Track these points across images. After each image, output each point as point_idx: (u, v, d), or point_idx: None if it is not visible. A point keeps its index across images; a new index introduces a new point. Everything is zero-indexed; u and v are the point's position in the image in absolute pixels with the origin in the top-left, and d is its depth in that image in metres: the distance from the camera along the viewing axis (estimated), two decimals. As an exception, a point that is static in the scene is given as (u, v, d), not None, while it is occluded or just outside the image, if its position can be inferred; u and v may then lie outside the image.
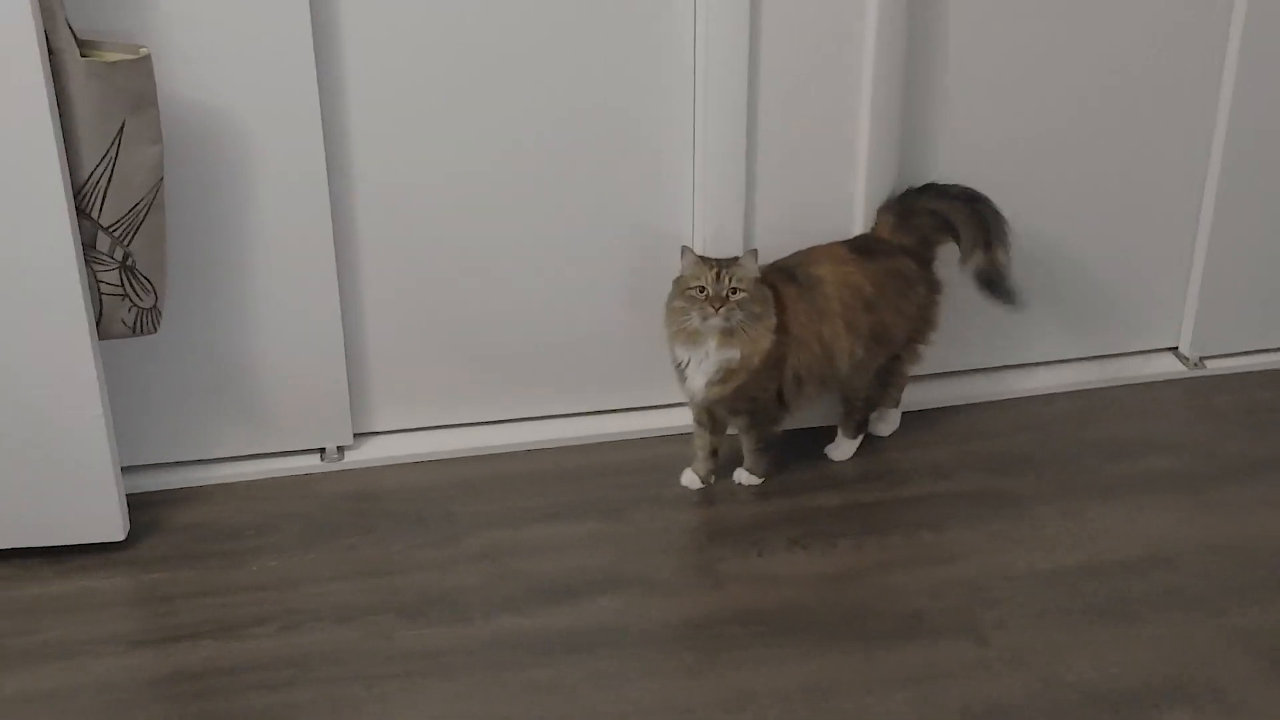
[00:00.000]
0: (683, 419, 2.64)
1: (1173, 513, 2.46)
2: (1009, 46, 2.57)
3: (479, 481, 2.55)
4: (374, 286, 2.51)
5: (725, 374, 2.37)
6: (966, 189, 2.53)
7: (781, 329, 2.38)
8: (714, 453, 2.54)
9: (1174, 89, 2.68)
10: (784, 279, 2.42)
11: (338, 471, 2.58)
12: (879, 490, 2.53)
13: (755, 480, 2.54)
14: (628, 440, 2.67)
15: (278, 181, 2.36)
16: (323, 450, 2.60)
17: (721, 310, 2.30)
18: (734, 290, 2.30)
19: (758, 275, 2.34)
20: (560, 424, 2.69)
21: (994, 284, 2.51)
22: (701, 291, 2.32)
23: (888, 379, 2.57)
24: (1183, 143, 2.73)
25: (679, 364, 2.41)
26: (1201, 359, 2.89)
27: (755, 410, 2.45)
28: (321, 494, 2.52)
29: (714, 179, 2.49)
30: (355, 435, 2.62)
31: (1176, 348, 2.92)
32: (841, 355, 2.44)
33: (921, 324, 2.55)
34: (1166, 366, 2.89)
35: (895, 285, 2.48)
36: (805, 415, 2.57)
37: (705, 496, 2.52)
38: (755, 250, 2.37)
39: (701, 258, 2.37)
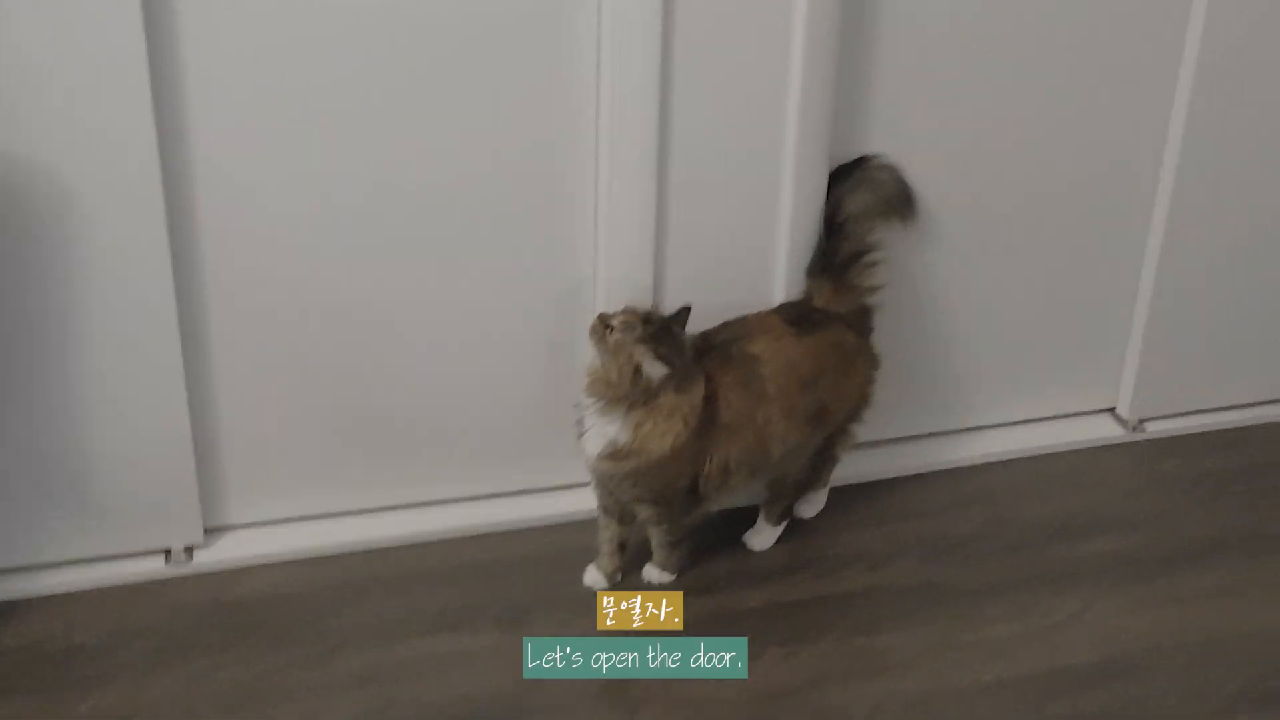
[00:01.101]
0: (583, 502, 2.39)
1: (1127, 606, 2.28)
2: (946, 98, 2.37)
3: (356, 584, 2.27)
4: (227, 356, 2.20)
5: (614, 453, 2.12)
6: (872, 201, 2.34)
7: (710, 418, 2.13)
8: (621, 547, 2.28)
9: (1118, 149, 2.51)
10: (718, 360, 2.16)
11: (186, 576, 2.27)
12: (805, 585, 2.30)
13: (667, 578, 2.29)
14: (528, 529, 2.41)
15: (109, 247, 2.04)
16: (168, 551, 2.30)
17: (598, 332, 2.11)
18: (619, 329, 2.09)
19: (662, 369, 2.07)
20: (450, 511, 2.41)
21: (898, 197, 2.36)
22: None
23: (819, 461, 2.34)
24: (1126, 197, 2.56)
25: (579, 419, 2.16)
26: (1141, 421, 2.71)
27: (661, 502, 2.20)
28: (170, 604, 2.22)
29: (620, 229, 2.24)
30: (206, 531, 2.32)
31: (1114, 408, 2.74)
32: (775, 441, 2.20)
33: (860, 401, 2.33)
34: (1106, 430, 2.71)
35: (835, 361, 2.25)
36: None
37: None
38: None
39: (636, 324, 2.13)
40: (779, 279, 2.33)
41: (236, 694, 2.05)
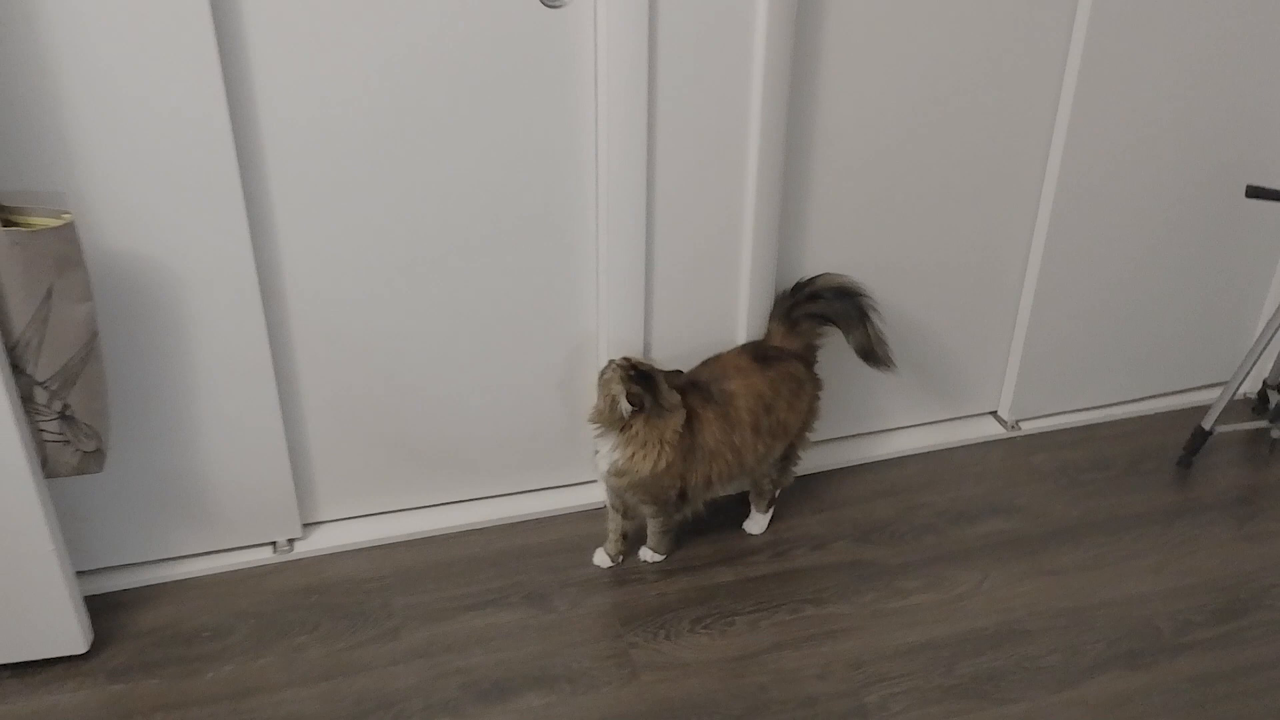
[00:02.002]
0: (592, 495, 2.20)
1: (1015, 578, 2.07)
2: (864, 149, 2.10)
3: (415, 570, 2.06)
4: (312, 391, 1.99)
5: (615, 471, 1.92)
6: (833, 284, 2.10)
7: (696, 445, 1.93)
8: (624, 535, 2.08)
9: (1002, 174, 2.22)
10: (701, 399, 1.95)
11: (288, 563, 2.07)
12: (765, 563, 2.10)
13: (658, 557, 2.09)
14: (547, 518, 2.19)
15: (214, 308, 1.83)
16: (274, 543, 2.09)
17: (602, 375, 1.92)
18: (611, 374, 1.91)
19: (628, 408, 1.87)
20: (487, 505, 2.20)
21: (872, 355, 2.11)
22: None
23: (785, 463, 2.13)
24: (1006, 252, 2.32)
25: (595, 446, 1.96)
26: (1018, 421, 2.51)
27: (656, 503, 1.99)
28: (272, 589, 2.01)
29: (616, 288, 2.02)
30: (304, 525, 2.11)
31: (996, 411, 2.54)
32: (749, 455, 2.00)
33: (810, 416, 2.12)
34: (990, 429, 2.50)
35: (789, 387, 2.04)
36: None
37: (617, 576, 2.06)
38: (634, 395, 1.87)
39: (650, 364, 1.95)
40: (740, 327, 2.12)
41: (324, 666, 1.85)
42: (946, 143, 2.13)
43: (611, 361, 1.93)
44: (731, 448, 1.96)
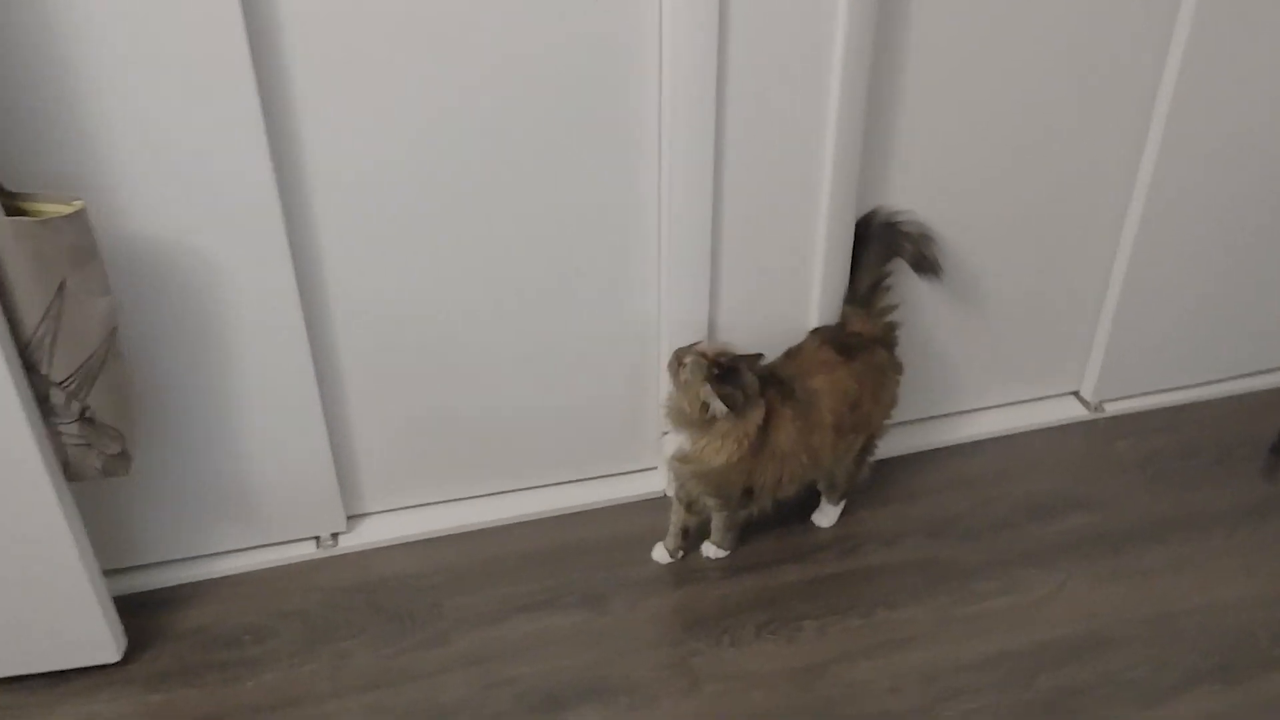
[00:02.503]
0: (651, 484, 2.10)
1: (1098, 580, 1.96)
2: (952, 112, 1.94)
3: (465, 567, 1.98)
4: (354, 378, 1.89)
5: (681, 457, 1.83)
6: (888, 241, 1.97)
7: (769, 443, 1.81)
8: (685, 531, 1.99)
9: (1101, 126, 2.04)
10: (782, 396, 1.83)
11: (332, 558, 2.00)
12: (833, 561, 2.00)
13: (721, 554, 2.00)
14: (603, 509, 2.10)
15: (249, 300, 1.73)
16: (318, 538, 2.02)
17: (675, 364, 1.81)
18: (690, 364, 1.78)
19: (723, 409, 1.75)
20: (540, 496, 2.11)
21: (923, 260, 1.99)
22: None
23: (863, 455, 2.01)
24: (1103, 189, 2.12)
25: (665, 430, 1.87)
26: (1101, 403, 2.37)
27: (721, 496, 1.89)
28: (316, 586, 1.94)
29: (679, 270, 1.89)
30: (349, 518, 2.04)
31: (1078, 391, 2.40)
32: (826, 456, 1.89)
33: (891, 405, 2.01)
34: (1071, 411, 2.36)
35: (874, 378, 1.93)
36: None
37: (677, 575, 1.97)
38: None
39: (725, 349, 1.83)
40: (813, 310, 1.99)
41: (371, 674, 1.78)
42: (1044, 87, 1.95)
43: (682, 354, 1.80)
44: (808, 449, 1.85)
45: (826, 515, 2.07)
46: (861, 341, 1.93)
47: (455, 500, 2.10)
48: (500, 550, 2.02)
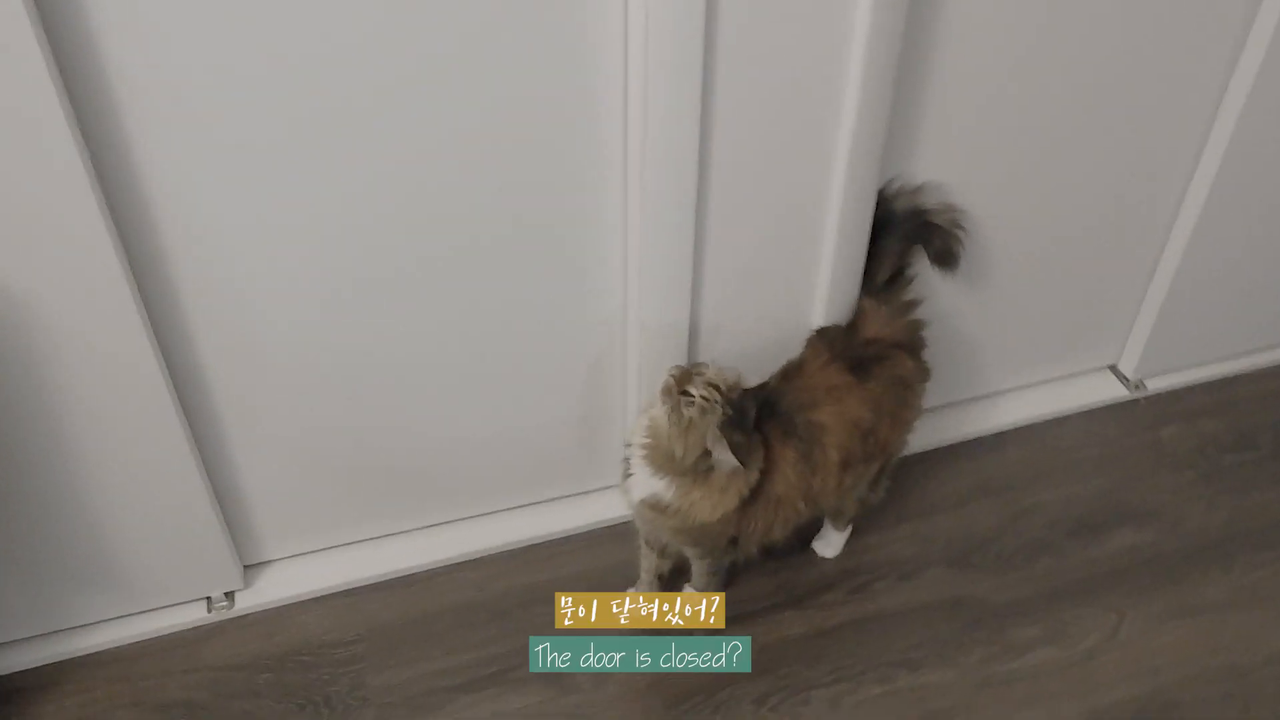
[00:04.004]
0: (615, 509, 1.74)
1: (1155, 620, 1.66)
2: (995, 67, 1.54)
3: (393, 627, 1.63)
4: (234, 415, 1.49)
5: (657, 506, 1.46)
6: (912, 229, 1.60)
7: (762, 490, 1.45)
8: (660, 577, 1.64)
9: (1170, 106, 1.68)
10: (780, 432, 1.46)
11: (228, 622, 1.63)
12: (841, 605, 1.67)
13: None
14: (558, 542, 1.75)
15: (88, 345, 1.32)
16: (208, 599, 1.64)
17: (670, 393, 1.40)
18: (699, 401, 1.38)
19: (734, 462, 1.38)
20: (482, 527, 1.75)
21: (949, 254, 1.63)
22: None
23: (877, 479, 1.65)
24: (1171, 142, 1.74)
25: (626, 459, 1.49)
26: (1142, 380, 2.04)
27: (700, 547, 1.55)
28: (207, 662, 1.58)
29: (652, 248, 1.47)
30: (247, 568, 1.67)
31: (1116, 365, 2.06)
32: (828, 499, 1.54)
33: (915, 419, 1.63)
34: (1108, 390, 2.02)
35: (894, 397, 1.55)
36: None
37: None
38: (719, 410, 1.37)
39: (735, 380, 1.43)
40: (819, 307, 1.61)
41: (279, 791, 1.44)
42: (1109, 45, 1.56)
43: (683, 380, 1.39)
44: (806, 495, 1.49)
45: (831, 544, 1.74)
46: (879, 351, 1.56)
47: (379, 538, 1.73)
48: (437, 603, 1.66)
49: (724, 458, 1.36)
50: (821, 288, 1.58)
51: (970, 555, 1.74)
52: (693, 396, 1.37)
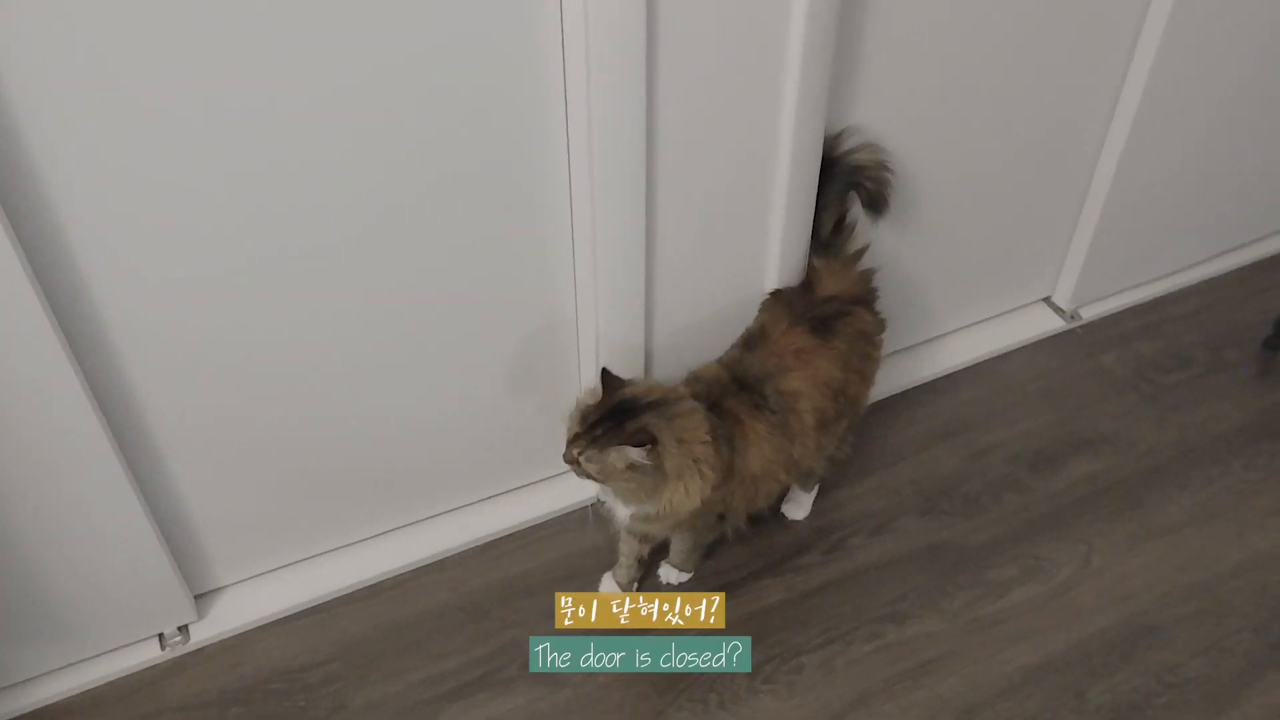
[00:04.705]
0: (585, 489, 1.68)
1: (1124, 545, 1.68)
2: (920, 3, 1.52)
3: (367, 642, 1.54)
4: (168, 434, 1.38)
5: (645, 518, 1.40)
6: (843, 175, 1.55)
7: (739, 467, 1.40)
8: (640, 561, 1.59)
9: (1091, 28, 1.66)
10: (751, 406, 1.40)
11: (185, 658, 1.52)
12: (819, 567, 1.65)
13: (684, 577, 1.62)
14: (530, 530, 1.68)
15: (7, 384, 1.19)
16: (161, 635, 1.53)
17: (572, 466, 1.34)
18: (578, 460, 1.32)
19: (632, 463, 1.30)
20: (447, 525, 1.67)
21: (880, 199, 1.59)
22: (568, 434, 1.34)
23: (845, 436, 1.61)
24: (1095, 66, 1.74)
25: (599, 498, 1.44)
26: (1077, 309, 2.05)
27: (696, 531, 1.51)
28: (171, 703, 1.47)
29: (603, 223, 1.40)
30: (198, 597, 1.56)
31: (1050, 298, 2.07)
32: (808, 461, 1.50)
33: (875, 372, 1.60)
34: (1046, 322, 2.03)
35: (859, 352, 1.52)
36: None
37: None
38: (647, 442, 1.29)
39: (589, 406, 1.34)
40: (773, 263, 1.56)
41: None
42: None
43: (572, 452, 1.33)
44: (787, 464, 1.46)
45: (800, 505, 1.71)
46: (838, 308, 1.52)
47: (338, 549, 1.63)
48: (410, 610, 1.58)
49: (637, 453, 1.29)
50: (774, 245, 1.54)
51: (938, 500, 1.74)
52: (580, 458, 1.32)
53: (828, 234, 1.57)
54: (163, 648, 1.52)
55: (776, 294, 1.56)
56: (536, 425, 1.64)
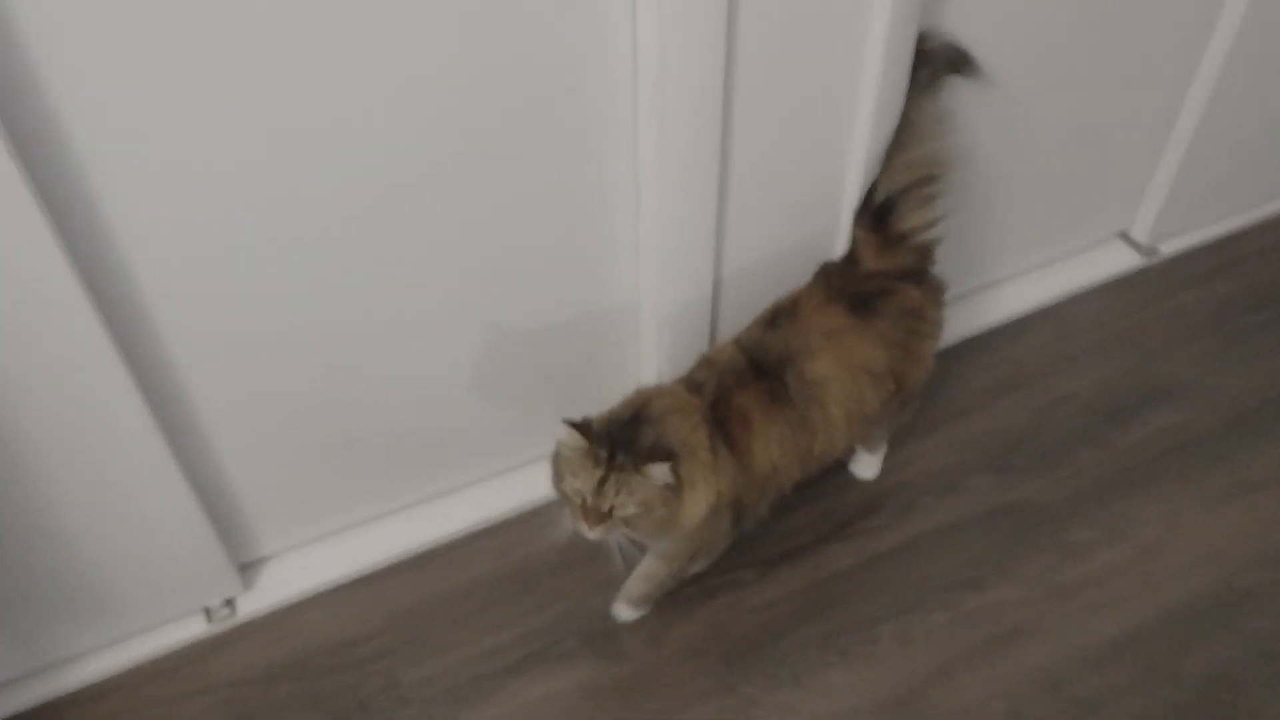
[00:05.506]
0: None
1: (1210, 503, 1.56)
2: None
3: (417, 614, 1.46)
4: (206, 398, 1.27)
5: (650, 538, 1.28)
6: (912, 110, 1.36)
7: (747, 465, 1.26)
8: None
9: None
10: (766, 395, 1.26)
11: (231, 632, 1.44)
12: (891, 528, 1.54)
13: (641, 614, 1.44)
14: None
15: (39, 347, 1.09)
16: (207, 609, 1.45)
17: (601, 527, 1.19)
18: (614, 507, 1.18)
19: (668, 481, 1.17)
20: (497, 488, 1.57)
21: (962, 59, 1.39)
22: (579, 498, 1.20)
23: (904, 407, 1.48)
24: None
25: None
26: (1155, 245, 1.91)
27: (695, 542, 1.34)
28: (216, 680, 1.39)
29: (672, 141, 1.26)
30: (243, 568, 1.47)
31: (1127, 232, 1.93)
32: (837, 449, 1.36)
33: (936, 342, 1.45)
34: (1122, 260, 1.89)
35: (904, 328, 1.35)
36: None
37: (701, 582, 1.48)
38: (669, 460, 1.17)
39: (589, 448, 1.19)
40: (849, 190, 1.42)
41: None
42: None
43: (585, 516, 1.19)
44: (804, 459, 1.32)
45: (868, 465, 1.59)
46: (882, 284, 1.35)
47: (385, 515, 1.54)
48: (459, 579, 1.49)
49: (661, 473, 1.16)
50: (853, 166, 1.38)
51: (1010, 456, 1.63)
52: (600, 507, 1.17)
53: (895, 195, 1.38)
54: (209, 621, 1.43)
55: (824, 269, 1.40)
56: (587, 382, 1.53)
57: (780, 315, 1.33)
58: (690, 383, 1.28)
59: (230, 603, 1.45)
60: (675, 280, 1.40)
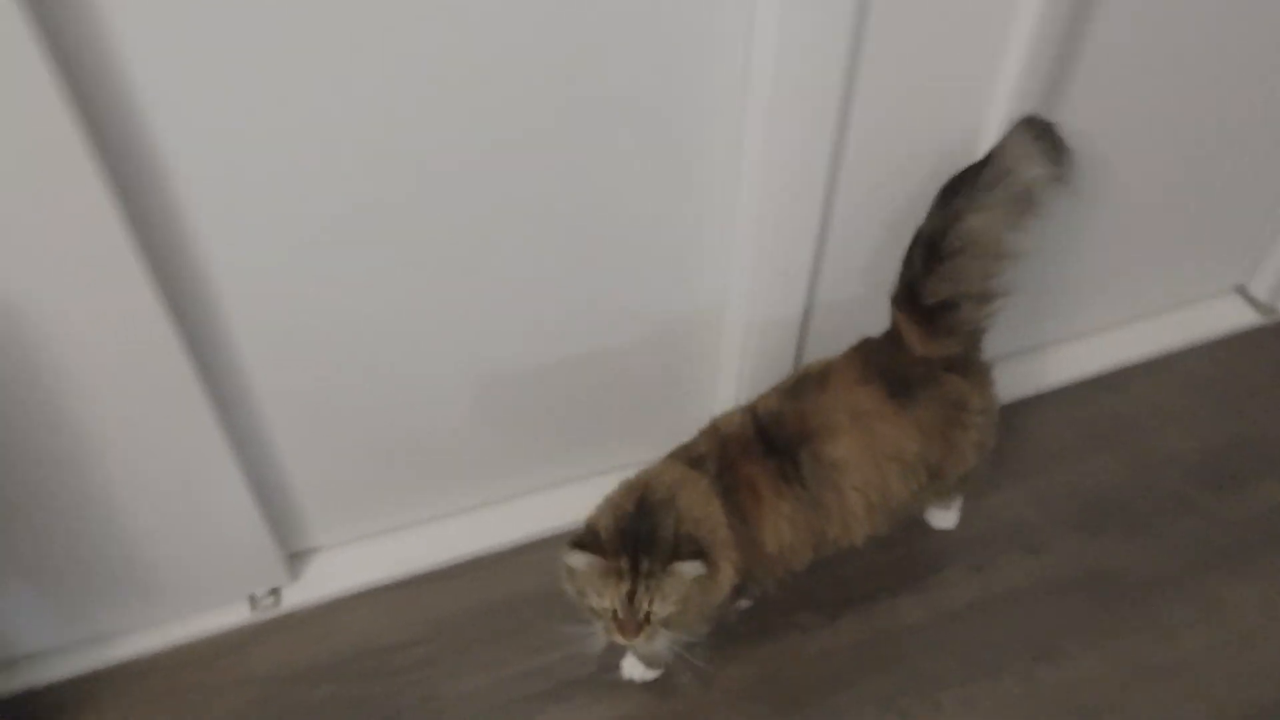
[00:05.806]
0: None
1: (1319, 589, 1.44)
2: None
3: (462, 623, 1.40)
4: (263, 389, 1.22)
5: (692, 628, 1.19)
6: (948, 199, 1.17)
7: (750, 546, 1.17)
8: None
9: None
10: (778, 477, 1.16)
11: (274, 623, 1.40)
12: (963, 585, 1.44)
13: (654, 675, 1.34)
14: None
15: (102, 332, 1.04)
16: (252, 597, 1.41)
17: (642, 635, 1.12)
18: (650, 613, 1.11)
19: (699, 573, 1.10)
20: (557, 499, 1.51)
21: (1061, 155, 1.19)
22: (609, 614, 1.12)
23: (958, 486, 1.37)
24: None
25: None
26: (1275, 302, 1.77)
27: (708, 618, 1.22)
28: (257, 672, 1.35)
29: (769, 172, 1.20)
30: (292, 556, 1.43)
31: (1245, 286, 1.79)
32: (856, 538, 1.24)
33: (981, 434, 1.27)
34: (1237, 316, 1.76)
35: (946, 420, 1.22)
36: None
37: (754, 620, 1.40)
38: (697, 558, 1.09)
39: (607, 564, 1.10)
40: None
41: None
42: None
43: (619, 627, 1.12)
44: (818, 542, 1.21)
45: (944, 516, 1.49)
46: (927, 373, 1.22)
47: (436, 519, 1.49)
48: (505, 592, 1.43)
49: (692, 568, 1.09)
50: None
51: (1101, 518, 1.51)
52: (639, 614, 1.10)
53: (940, 301, 1.19)
54: (253, 609, 1.39)
55: (866, 342, 1.27)
56: (659, 398, 1.45)
57: (806, 384, 1.22)
58: (690, 455, 1.19)
59: (275, 592, 1.41)
60: (767, 295, 1.31)
